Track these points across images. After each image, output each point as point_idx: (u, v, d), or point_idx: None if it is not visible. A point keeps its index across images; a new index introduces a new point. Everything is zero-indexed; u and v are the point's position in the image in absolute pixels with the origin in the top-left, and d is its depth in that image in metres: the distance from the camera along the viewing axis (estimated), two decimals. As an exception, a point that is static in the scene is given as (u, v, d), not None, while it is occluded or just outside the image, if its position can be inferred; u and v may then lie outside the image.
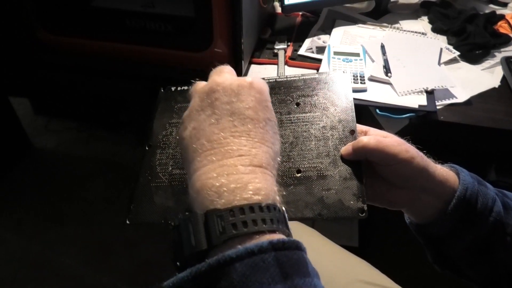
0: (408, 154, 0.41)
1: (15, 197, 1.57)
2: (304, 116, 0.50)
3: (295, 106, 0.50)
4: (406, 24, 1.03)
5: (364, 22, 1.02)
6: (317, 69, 0.88)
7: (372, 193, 0.45)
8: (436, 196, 0.43)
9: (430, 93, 0.80)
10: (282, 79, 0.53)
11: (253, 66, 0.91)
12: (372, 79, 0.84)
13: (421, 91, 0.80)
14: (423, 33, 0.98)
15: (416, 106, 0.77)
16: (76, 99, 1.59)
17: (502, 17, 1.03)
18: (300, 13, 1.05)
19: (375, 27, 1.00)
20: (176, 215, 0.42)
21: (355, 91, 0.80)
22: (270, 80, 0.52)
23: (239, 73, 0.84)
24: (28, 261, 1.38)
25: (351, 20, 1.03)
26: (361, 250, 1.11)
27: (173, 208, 0.46)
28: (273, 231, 0.29)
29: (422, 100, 0.79)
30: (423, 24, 1.03)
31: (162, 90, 0.56)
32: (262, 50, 0.94)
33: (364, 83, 0.81)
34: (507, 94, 0.84)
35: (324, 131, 0.48)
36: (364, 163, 0.43)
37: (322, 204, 0.42)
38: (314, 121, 0.49)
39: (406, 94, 0.80)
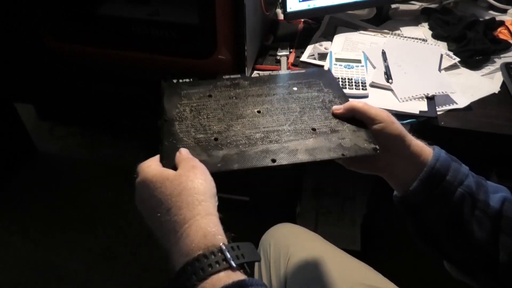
0: (389, 118, 0.51)
1: (19, 201, 1.59)
2: (304, 96, 0.60)
3: (294, 89, 0.61)
4: (407, 30, 1.04)
5: (365, 29, 1.04)
6: (319, 75, 0.89)
7: (358, 160, 0.53)
8: (412, 163, 0.50)
9: (430, 99, 0.81)
10: (274, 74, 0.63)
11: (256, 73, 0.92)
12: (373, 85, 0.85)
13: (421, 97, 0.81)
14: (423, 40, 0.99)
15: (417, 112, 0.79)
16: (80, 104, 1.60)
17: (501, 23, 1.04)
18: (302, 20, 1.07)
19: (376, 34, 1.02)
20: (215, 166, 0.47)
21: (357, 97, 0.82)
22: (265, 73, 0.60)
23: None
24: (33, 265, 1.39)
25: (353, 26, 1.04)
26: (363, 254, 1.11)
27: (207, 161, 0.48)
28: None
29: (422, 106, 0.80)
30: (423, 30, 1.05)
31: (164, 81, 0.61)
32: (265, 57, 0.95)
33: (366, 89, 0.83)
34: (507, 99, 0.85)
35: (324, 104, 0.58)
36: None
37: (342, 148, 0.51)
38: (313, 98, 0.59)
39: (407, 100, 0.81)
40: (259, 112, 0.56)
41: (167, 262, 0.39)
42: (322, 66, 0.91)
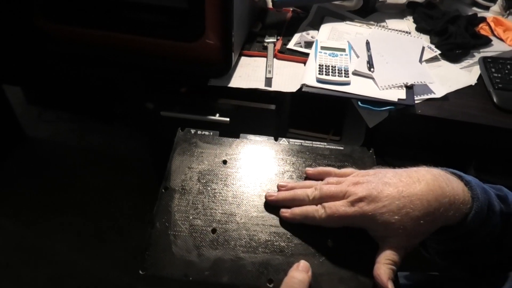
0: (403, 242, 0.40)
1: (9, 185, 1.60)
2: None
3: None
4: (392, 23, 1.07)
5: (351, 20, 1.06)
6: (304, 63, 0.92)
7: None
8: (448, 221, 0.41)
9: (409, 88, 0.84)
10: (308, 144, 0.52)
11: (243, 58, 0.95)
12: (356, 73, 0.88)
13: (401, 86, 0.84)
14: (407, 32, 1.02)
15: (396, 100, 0.82)
16: (69, 89, 1.61)
17: (483, 19, 1.08)
18: (291, 8, 1.09)
19: (362, 25, 1.05)
20: (201, 273, 0.40)
21: (339, 84, 0.84)
22: (296, 143, 0.52)
23: (229, 64, 0.87)
24: (23, 248, 1.41)
25: (339, 17, 1.07)
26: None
27: (196, 263, 0.41)
28: None
29: (401, 94, 0.83)
30: (408, 23, 1.08)
31: (180, 131, 0.54)
32: (252, 43, 0.97)
33: (348, 76, 0.85)
34: (482, 92, 0.89)
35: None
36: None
37: (356, 281, 0.41)
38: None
39: (387, 88, 0.84)
40: None
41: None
42: (308, 55, 0.93)
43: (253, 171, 0.49)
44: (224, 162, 0.50)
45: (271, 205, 0.46)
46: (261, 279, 0.40)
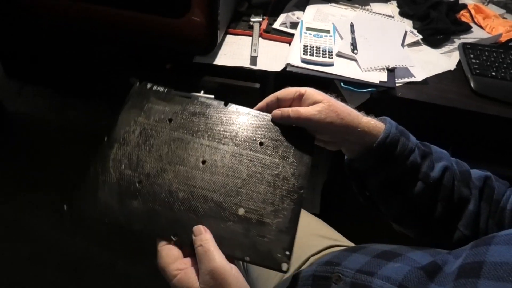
0: (326, 119, 0.49)
1: (-14, 160, 1.57)
2: (263, 158, 0.50)
3: (258, 145, 0.51)
4: (376, 7, 1.08)
5: (337, 2, 1.07)
6: (289, 43, 0.93)
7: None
8: (357, 143, 0.52)
9: (391, 71, 0.86)
10: (255, 114, 0.53)
11: (228, 36, 0.95)
12: (339, 54, 0.89)
13: (383, 68, 0.86)
14: (391, 16, 1.04)
15: (377, 82, 0.84)
16: (50, 64, 1.58)
17: (464, 6, 1.10)
18: (277, -11, 1.09)
19: (346, 7, 1.06)
20: (117, 218, 0.45)
21: (323, 65, 0.86)
22: (243, 111, 0.54)
23: (215, 41, 0.87)
24: (1, 224, 1.39)
25: (325, -1, 1.08)
26: (321, 217, 1.17)
27: (114, 208, 0.46)
28: None
29: (383, 77, 0.85)
30: (392, 8, 1.09)
31: (137, 84, 0.55)
32: (238, 22, 0.97)
33: (332, 58, 0.87)
34: (460, 77, 0.91)
35: (276, 179, 0.49)
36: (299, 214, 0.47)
37: (253, 249, 0.44)
38: (271, 166, 0.50)
39: (369, 70, 0.86)
40: (203, 162, 0.49)
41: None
42: (293, 35, 0.94)
43: (194, 133, 0.51)
44: (170, 120, 0.52)
45: (202, 169, 0.49)
46: (168, 233, 0.44)
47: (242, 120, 0.53)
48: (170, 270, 0.41)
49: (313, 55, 0.86)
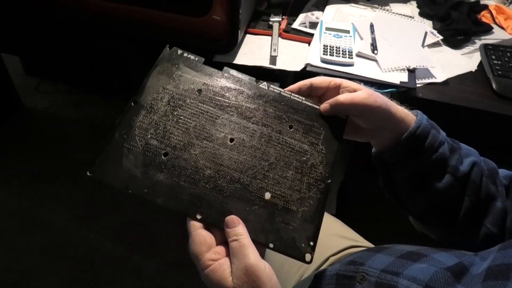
0: (376, 103, 0.49)
1: (4, 154, 1.60)
2: (292, 142, 0.49)
3: (288, 128, 0.49)
4: (395, 7, 1.08)
5: (356, 2, 1.07)
6: (309, 43, 0.93)
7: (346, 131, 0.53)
8: (393, 132, 0.51)
9: (411, 72, 0.86)
10: (286, 95, 0.52)
11: (248, 36, 0.95)
12: (359, 55, 0.89)
13: (403, 69, 0.86)
14: (410, 17, 1.03)
15: (398, 82, 0.83)
16: (69, 61, 1.60)
17: (485, 7, 1.09)
18: (296, -12, 1.09)
19: (366, 8, 1.05)
20: (141, 189, 0.43)
21: (343, 65, 0.86)
22: (275, 90, 0.51)
23: (235, 41, 0.88)
24: (17, 216, 1.42)
25: (344, -1, 1.07)
26: (338, 217, 1.18)
27: (138, 179, 0.44)
28: None
29: (403, 77, 0.84)
30: (411, 8, 1.09)
31: (168, 49, 0.53)
32: (257, 22, 0.98)
33: (352, 58, 0.87)
34: (481, 78, 0.90)
35: (304, 166, 0.47)
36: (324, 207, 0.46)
37: (276, 235, 0.43)
38: (300, 152, 0.48)
39: (389, 71, 0.85)
40: (231, 140, 0.47)
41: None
42: (312, 35, 0.94)
43: (224, 108, 0.49)
44: (199, 91, 0.50)
45: (230, 147, 0.47)
46: (192, 209, 0.43)
47: (273, 99, 0.51)
48: (204, 259, 0.40)
49: (333, 55, 0.86)
